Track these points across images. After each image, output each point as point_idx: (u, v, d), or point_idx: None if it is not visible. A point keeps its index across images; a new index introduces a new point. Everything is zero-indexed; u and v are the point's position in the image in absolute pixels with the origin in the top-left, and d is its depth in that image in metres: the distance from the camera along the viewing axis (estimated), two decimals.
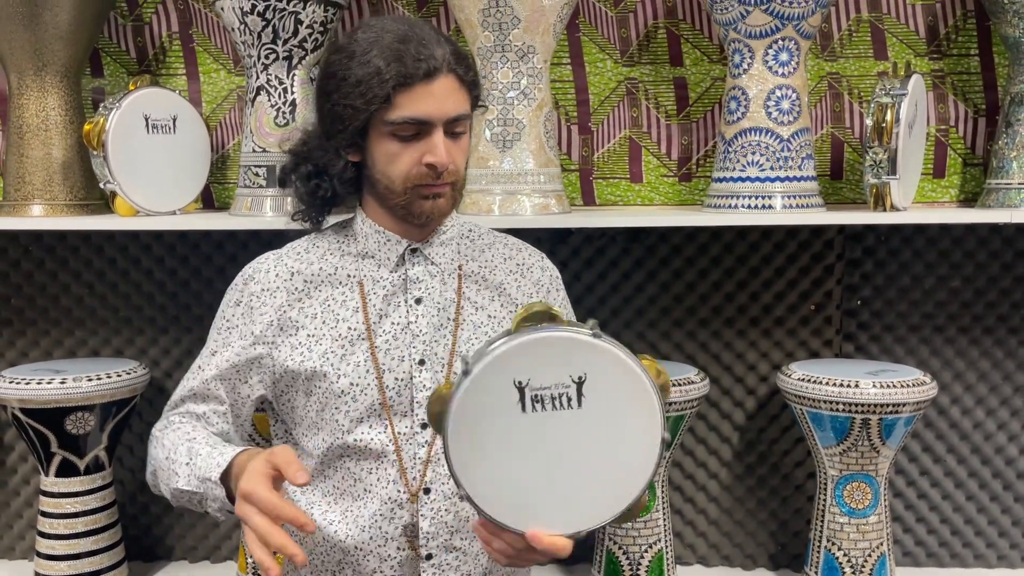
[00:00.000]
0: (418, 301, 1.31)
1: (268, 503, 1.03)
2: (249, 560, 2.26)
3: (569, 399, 1.02)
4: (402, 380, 1.28)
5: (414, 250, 1.32)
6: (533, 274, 1.40)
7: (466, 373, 1.01)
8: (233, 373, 1.31)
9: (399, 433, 1.27)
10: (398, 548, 1.27)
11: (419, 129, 1.21)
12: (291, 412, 1.32)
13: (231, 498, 1.13)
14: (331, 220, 1.40)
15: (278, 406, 1.34)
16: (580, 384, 1.02)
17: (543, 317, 1.03)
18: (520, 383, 1.02)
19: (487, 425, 1.02)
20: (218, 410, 1.32)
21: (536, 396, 1.02)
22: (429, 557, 1.28)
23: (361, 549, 1.28)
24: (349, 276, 1.32)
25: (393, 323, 1.29)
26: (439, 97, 1.20)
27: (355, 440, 1.27)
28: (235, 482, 1.11)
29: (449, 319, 1.31)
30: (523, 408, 1.02)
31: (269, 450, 1.08)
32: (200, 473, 1.17)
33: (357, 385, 1.27)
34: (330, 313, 1.30)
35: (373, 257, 1.32)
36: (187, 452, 1.21)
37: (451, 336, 1.30)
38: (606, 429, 1.03)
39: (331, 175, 1.29)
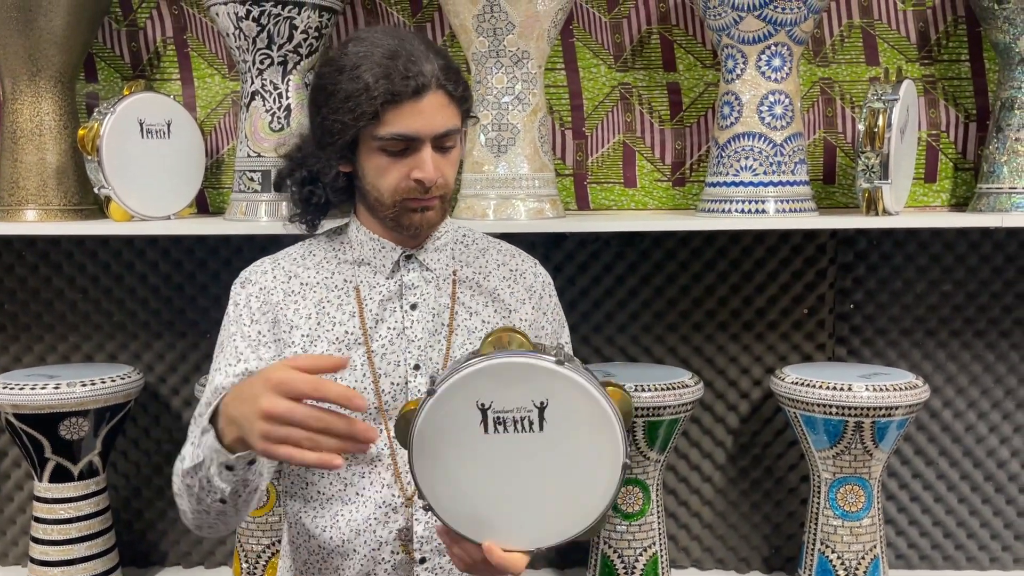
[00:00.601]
0: (413, 307, 1.31)
1: (310, 383, 0.94)
2: (244, 567, 2.26)
3: (531, 423, 1.05)
4: (397, 385, 1.28)
5: (408, 256, 1.33)
6: (526, 280, 1.40)
7: (431, 393, 1.05)
8: (248, 375, 1.28)
9: (394, 438, 1.28)
10: (392, 552, 1.28)
11: (407, 145, 1.21)
12: None
13: (231, 446, 1.05)
14: (327, 224, 1.40)
15: None
16: (542, 409, 1.04)
17: (511, 341, 1.06)
18: (483, 405, 1.05)
19: (450, 443, 1.06)
20: None
21: (498, 418, 1.05)
22: (423, 561, 1.28)
23: (356, 553, 1.28)
24: (345, 281, 1.33)
25: (389, 328, 1.30)
26: (427, 114, 1.20)
27: None
28: (229, 420, 1.03)
29: (444, 324, 1.32)
30: (485, 429, 1.05)
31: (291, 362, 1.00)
32: (197, 437, 1.11)
33: (354, 389, 1.27)
34: (326, 316, 1.30)
35: (369, 264, 1.33)
36: (189, 438, 1.18)
37: (445, 342, 1.31)
38: (567, 453, 1.06)
39: (324, 183, 1.30)
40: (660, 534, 2.25)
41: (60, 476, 2.25)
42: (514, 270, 1.40)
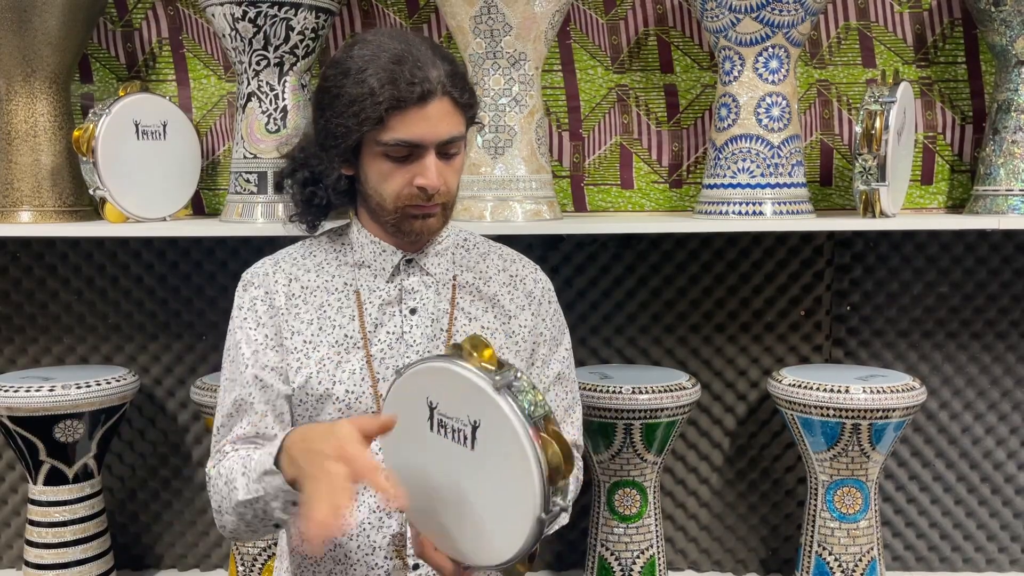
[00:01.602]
0: (412, 311, 1.31)
1: (369, 471, 0.99)
2: (239, 570, 2.25)
3: (465, 437, 1.03)
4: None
5: (409, 261, 1.32)
6: (526, 286, 1.40)
7: (398, 374, 1.09)
8: (262, 378, 1.28)
9: None
10: (385, 557, 1.27)
11: (411, 151, 1.20)
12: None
13: (292, 484, 1.09)
14: (327, 225, 1.40)
15: None
16: (475, 428, 1.02)
17: (474, 349, 1.03)
18: (431, 403, 1.06)
19: (405, 428, 1.08)
20: (262, 422, 1.28)
21: (441, 421, 1.06)
22: (416, 567, 1.27)
23: (349, 558, 1.27)
24: (346, 284, 1.32)
25: (388, 332, 1.29)
26: (432, 120, 1.19)
27: None
28: (291, 461, 1.08)
29: (442, 330, 1.31)
30: (431, 427, 1.06)
31: (352, 420, 1.05)
32: (255, 473, 1.14)
33: (352, 392, 1.26)
34: (326, 320, 1.29)
35: (369, 267, 1.32)
36: (241, 464, 1.19)
37: (444, 347, 1.30)
38: (490, 482, 1.03)
39: (325, 185, 1.29)
40: (657, 536, 2.25)
41: (55, 479, 2.24)
42: (514, 276, 1.40)
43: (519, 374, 1.01)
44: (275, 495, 1.12)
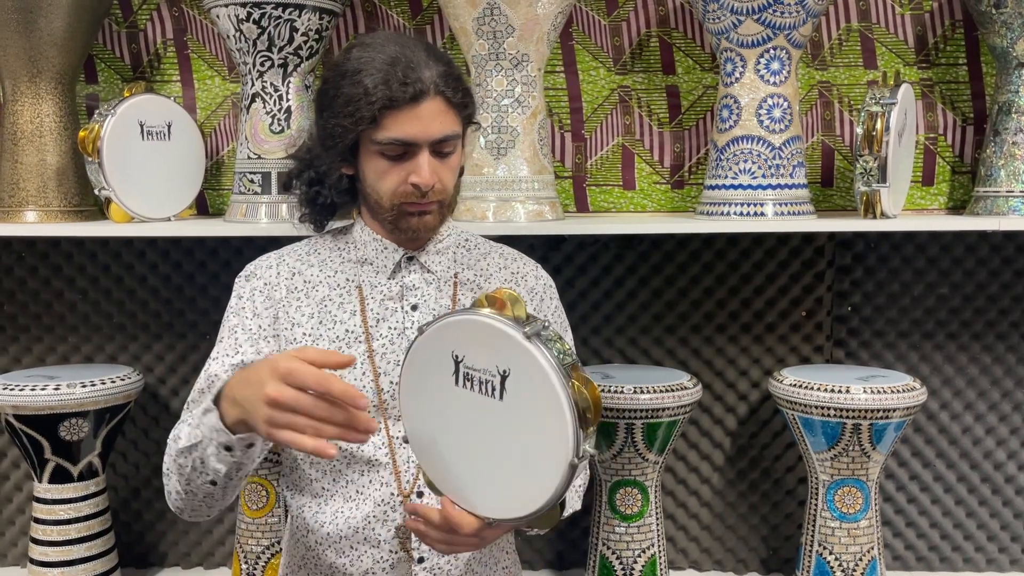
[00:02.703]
0: (414, 307, 1.32)
1: (315, 376, 0.96)
2: (243, 568, 2.26)
3: (493, 388, 1.03)
4: (396, 384, 1.29)
5: (410, 258, 1.34)
6: (528, 282, 1.41)
7: (421, 331, 1.08)
8: (239, 367, 1.29)
9: (393, 436, 1.28)
10: (391, 551, 1.29)
11: (405, 149, 1.23)
12: None
13: (233, 427, 1.07)
14: (334, 224, 1.42)
15: None
16: (504, 377, 1.02)
17: (505, 302, 1.03)
18: (457, 357, 1.05)
19: (428, 385, 1.09)
20: None
21: (467, 374, 1.05)
22: (421, 560, 1.29)
23: (354, 550, 1.29)
24: (348, 280, 1.34)
25: (390, 327, 1.31)
26: (425, 120, 1.21)
27: (349, 442, 1.27)
28: (232, 402, 1.05)
29: None
30: (456, 381, 1.06)
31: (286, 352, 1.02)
32: (196, 418, 1.12)
33: (354, 386, 1.28)
34: (327, 314, 1.31)
35: (371, 264, 1.34)
36: (188, 417, 1.18)
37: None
38: (520, 432, 1.03)
39: (328, 184, 1.31)
40: (658, 535, 2.26)
41: (60, 477, 2.26)
42: (516, 273, 1.41)
43: (547, 323, 1.02)
44: (210, 437, 1.09)
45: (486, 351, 1.03)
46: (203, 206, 2.49)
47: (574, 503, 1.27)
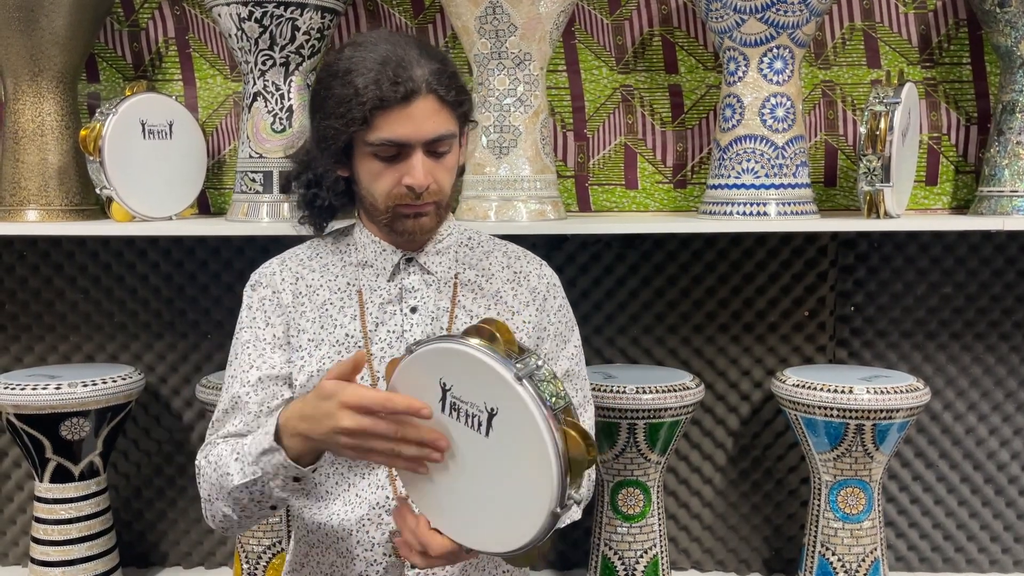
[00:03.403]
0: (413, 310, 1.32)
1: (380, 399, 1.02)
2: (244, 567, 2.26)
3: (480, 424, 1.00)
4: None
5: (409, 259, 1.33)
6: (530, 282, 1.40)
7: (409, 351, 1.05)
8: (265, 379, 1.30)
9: None
10: (384, 554, 1.28)
11: (399, 150, 1.21)
12: None
13: (299, 458, 1.11)
14: (335, 225, 1.41)
15: None
16: (491, 415, 0.98)
17: (495, 334, 1.00)
18: (444, 384, 1.02)
19: None
20: (255, 422, 1.29)
21: (455, 404, 1.02)
22: (414, 565, 1.28)
23: (350, 552, 1.29)
24: (348, 284, 1.33)
25: (389, 331, 1.30)
26: (417, 119, 1.19)
27: None
28: (295, 436, 1.09)
29: (442, 328, 1.32)
30: (443, 408, 1.03)
31: (324, 378, 1.07)
32: (251, 456, 1.14)
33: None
34: (328, 319, 1.31)
35: (371, 266, 1.33)
36: (232, 451, 1.19)
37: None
38: (503, 472, 1.00)
39: (325, 187, 1.31)
40: (661, 536, 2.26)
41: (61, 476, 2.26)
42: (518, 272, 1.40)
43: (540, 362, 0.98)
44: (275, 473, 1.12)
45: (475, 385, 0.99)
46: (204, 205, 2.48)
47: (574, 515, 1.25)
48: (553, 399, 0.96)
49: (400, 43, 1.22)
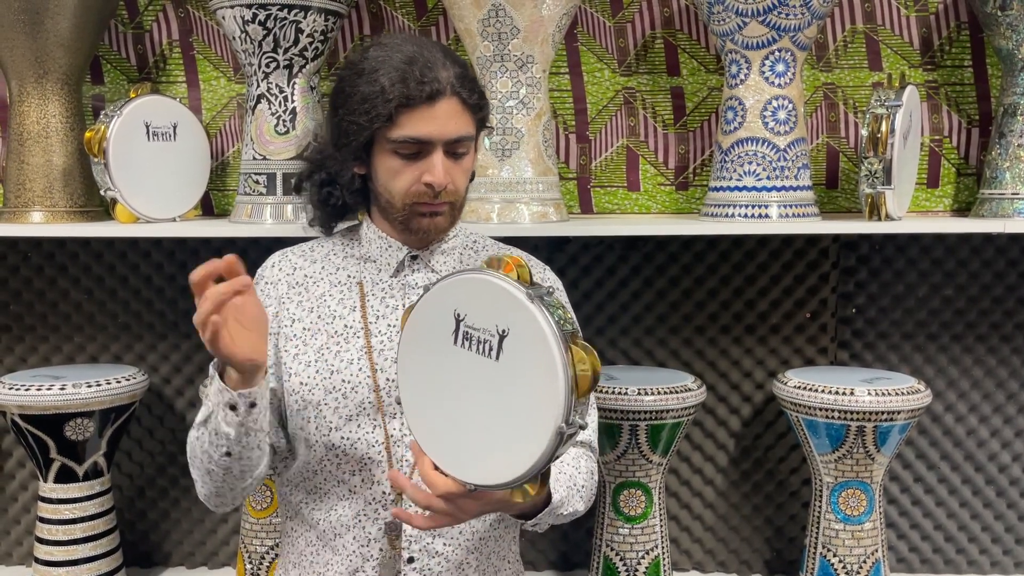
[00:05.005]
0: None
1: (196, 281, 1.06)
2: (247, 568, 2.27)
3: (490, 348, 1.02)
4: (393, 381, 1.29)
5: (414, 257, 1.35)
6: None
7: (426, 290, 1.09)
8: None
9: (390, 435, 1.29)
10: (380, 549, 1.29)
11: (420, 148, 1.24)
12: (279, 405, 1.33)
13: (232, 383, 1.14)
14: (343, 226, 1.43)
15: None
16: (502, 337, 1.01)
17: (512, 268, 1.03)
18: (458, 315, 1.05)
19: (428, 343, 1.09)
20: None
21: (467, 333, 1.05)
22: (411, 560, 1.29)
23: (345, 548, 1.29)
24: (350, 277, 1.35)
25: (389, 325, 1.32)
26: (441, 119, 1.22)
27: (343, 438, 1.28)
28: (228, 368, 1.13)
29: None
30: (455, 340, 1.06)
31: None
32: (207, 393, 1.18)
33: (349, 382, 1.28)
34: (326, 309, 1.32)
35: (375, 261, 1.35)
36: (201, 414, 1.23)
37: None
38: (511, 394, 1.02)
39: (340, 184, 1.32)
40: (662, 537, 2.26)
41: (65, 477, 2.26)
42: None
43: (552, 290, 1.02)
44: (216, 401, 1.14)
45: (488, 310, 1.03)
46: (208, 207, 2.49)
47: (575, 503, 1.26)
48: (562, 321, 0.99)
49: (426, 45, 1.26)
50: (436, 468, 1.09)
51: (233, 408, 1.13)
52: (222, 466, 1.20)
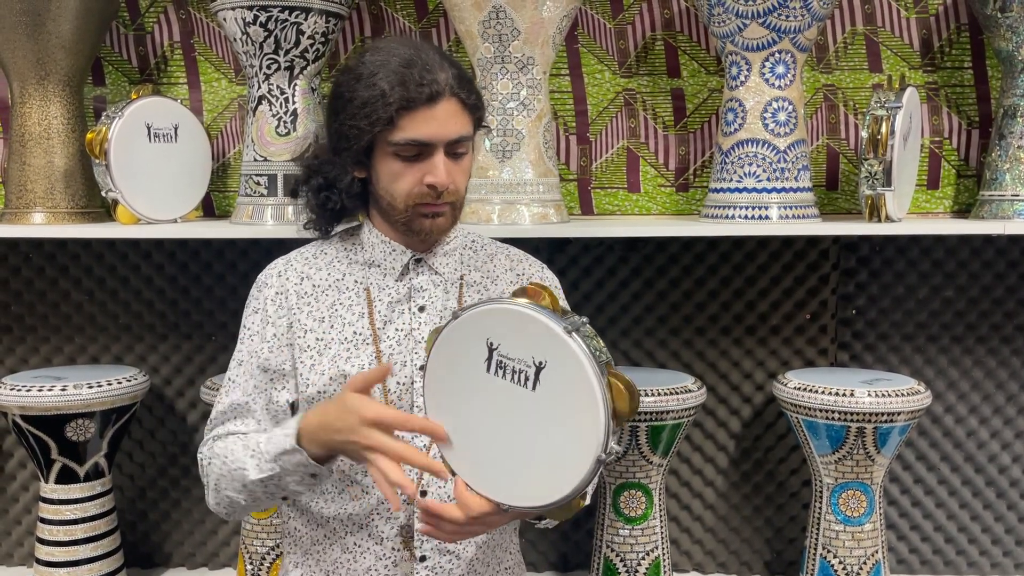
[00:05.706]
0: (421, 309, 1.33)
1: (399, 418, 1.10)
2: (248, 568, 2.27)
3: (526, 379, 1.04)
4: (403, 384, 1.30)
5: (418, 260, 1.35)
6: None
7: (455, 316, 1.10)
8: (266, 381, 1.33)
9: (399, 436, 1.29)
10: (393, 549, 1.29)
11: (421, 150, 1.24)
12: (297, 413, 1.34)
13: (317, 459, 1.17)
14: (339, 228, 1.43)
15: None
16: (539, 369, 1.03)
17: (539, 295, 1.06)
18: (491, 344, 1.07)
19: (458, 369, 1.10)
20: (259, 426, 1.33)
21: (501, 362, 1.07)
22: (423, 559, 1.29)
23: (358, 547, 1.30)
24: (356, 283, 1.35)
25: (397, 329, 1.32)
26: (441, 120, 1.23)
27: None
28: (314, 442, 1.15)
29: None
30: (488, 368, 1.07)
31: (346, 389, 1.13)
32: (268, 455, 1.19)
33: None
34: (337, 318, 1.32)
35: (379, 266, 1.35)
36: (244, 448, 1.24)
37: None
38: (550, 422, 1.04)
39: (339, 189, 1.32)
40: (663, 538, 2.26)
41: (66, 477, 2.27)
42: (521, 275, 1.42)
43: (585, 320, 1.04)
44: (293, 471, 1.18)
45: (524, 341, 1.04)
46: (209, 208, 2.50)
47: (585, 499, 1.28)
48: (598, 352, 1.02)
49: (421, 47, 1.27)
50: (468, 487, 1.12)
51: (314, 476, 1.18)
52: (269, 504, 1.26)
